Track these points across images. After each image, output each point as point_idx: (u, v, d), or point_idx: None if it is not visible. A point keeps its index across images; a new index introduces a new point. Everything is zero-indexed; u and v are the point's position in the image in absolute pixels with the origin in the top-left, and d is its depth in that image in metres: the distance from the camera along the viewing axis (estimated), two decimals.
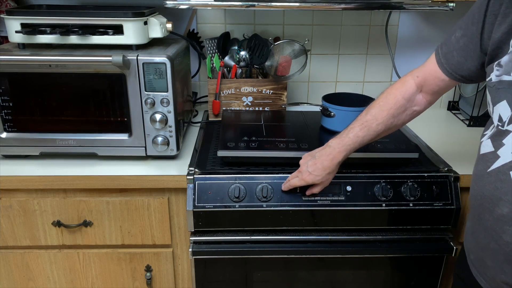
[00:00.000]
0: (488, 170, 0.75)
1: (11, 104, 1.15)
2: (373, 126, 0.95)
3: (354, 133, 0.97)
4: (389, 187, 1.13)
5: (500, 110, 0.73)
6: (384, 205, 1.12)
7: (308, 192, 1.07)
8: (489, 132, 0.78)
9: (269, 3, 1.31)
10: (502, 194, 0.72)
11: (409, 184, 1.13)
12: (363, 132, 0.95)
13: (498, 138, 0.74)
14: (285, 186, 1.09)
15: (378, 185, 1.13)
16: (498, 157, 0.73)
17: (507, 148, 0.72)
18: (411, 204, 1.13)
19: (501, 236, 0.73)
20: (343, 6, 1.33)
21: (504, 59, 0.73)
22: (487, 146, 0.77)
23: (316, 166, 1.01)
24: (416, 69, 0.97)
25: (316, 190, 1.05)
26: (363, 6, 1.36)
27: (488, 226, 0.77)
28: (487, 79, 0.78)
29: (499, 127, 0.73)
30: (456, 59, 0.86)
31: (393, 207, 1.12)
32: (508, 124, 0.72)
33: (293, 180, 1.06)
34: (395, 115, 0.95)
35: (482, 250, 0.80)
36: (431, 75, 0.92)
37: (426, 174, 1.14)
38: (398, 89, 0.95)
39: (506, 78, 0.72)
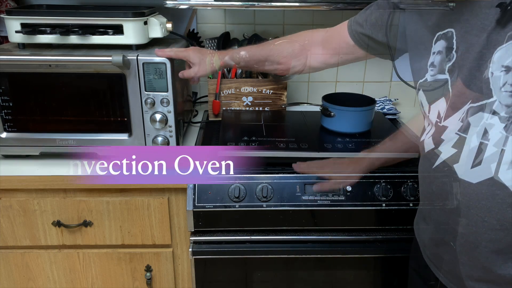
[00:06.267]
0: (433, 167, 0.77)
1: (11, 104, 1.15)
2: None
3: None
4: (389, 187, 1.12)
5: (439, 107, 0.76)
6: (384, 205, 1.12)
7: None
8: (427, 131, 0.81)
9: (269, 3, 1.31)
10: (450, 188, 0.73)
11: (409, 184, 1.13)
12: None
13: (437, 135, 0.76)
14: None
15: (378, 185, 1.13)
16: (440, 152, 0.75)
17: (446, 143, 0.74)
18: (411, 204, 1.12)
19: (454, 228, 0.74)
20: (342, 6, 1.33)
21: (436, 60, 0.77)
22: (429, 144, 0.79)
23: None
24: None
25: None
26: (363, 6, 1.35)
27: (440, 221, 0.78)
28: (422, 80, 0.81)
29: (438, 123, 0.76)
30: (367, 31, 0.96)
31: (393, 207, 1.12)
32: (444, 120, 0.74)
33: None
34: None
35: (437, 246, 0.82)
36: (338, 33, 1.01)
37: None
38: (308, 31, 1.07)
39: (440, 76, 0.76)
